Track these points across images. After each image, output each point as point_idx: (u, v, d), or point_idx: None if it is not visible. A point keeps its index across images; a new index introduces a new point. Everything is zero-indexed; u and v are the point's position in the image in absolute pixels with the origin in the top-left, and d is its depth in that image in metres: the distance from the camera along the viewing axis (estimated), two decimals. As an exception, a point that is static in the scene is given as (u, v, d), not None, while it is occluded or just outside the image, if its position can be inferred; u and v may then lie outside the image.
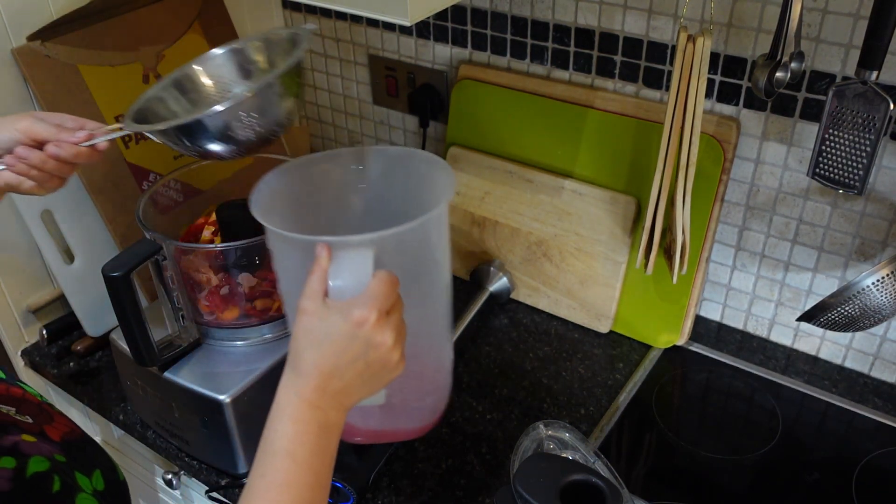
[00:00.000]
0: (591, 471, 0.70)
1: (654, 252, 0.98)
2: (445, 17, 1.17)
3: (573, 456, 0.76)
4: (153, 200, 0.95)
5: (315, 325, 0.59)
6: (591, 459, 0.75)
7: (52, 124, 0.75)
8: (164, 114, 0.81)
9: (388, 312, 0.59)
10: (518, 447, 0.76)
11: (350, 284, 0.59)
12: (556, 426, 0.78)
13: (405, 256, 0.67)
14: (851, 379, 1.04)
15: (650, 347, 1.10)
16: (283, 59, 0.78)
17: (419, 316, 0.68)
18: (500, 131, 1.14)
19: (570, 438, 0.78)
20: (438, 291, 0.73)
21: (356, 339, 0.58)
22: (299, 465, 0.58)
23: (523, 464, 0.72)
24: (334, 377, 0.59)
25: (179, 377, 0.87)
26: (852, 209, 0.95)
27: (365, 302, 0.58)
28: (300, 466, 0.58)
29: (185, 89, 0.84)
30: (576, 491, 0.68)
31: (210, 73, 0.85)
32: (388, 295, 0.59)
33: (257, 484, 0.58)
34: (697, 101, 0.85)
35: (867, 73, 0.75)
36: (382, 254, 0.62)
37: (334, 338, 0.58)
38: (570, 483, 0.68)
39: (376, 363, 0.59)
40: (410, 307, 0.64)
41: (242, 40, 0.86)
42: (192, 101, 0.84)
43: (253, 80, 0.84)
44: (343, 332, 0.58)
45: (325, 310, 0.59)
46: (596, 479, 0.68)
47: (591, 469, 0.71)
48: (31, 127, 0.73)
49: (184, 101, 0.83)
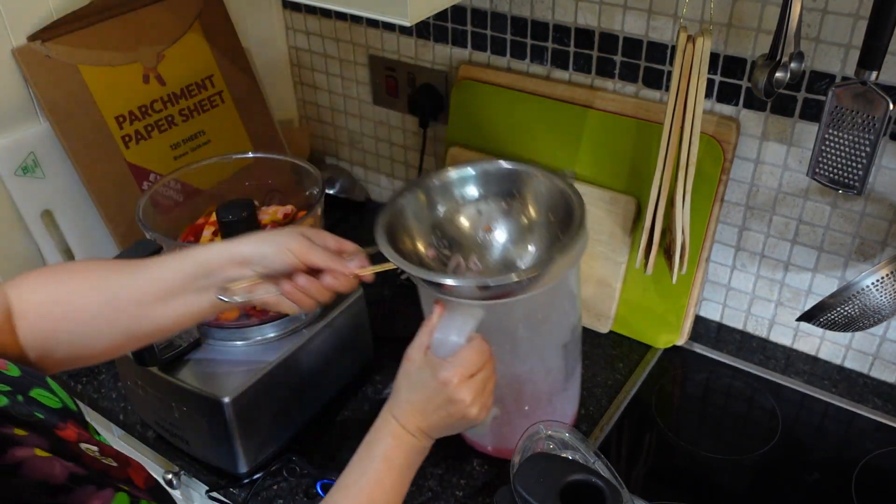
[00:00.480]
0: (591, 471, 0.70)
1: (653, 252, 0.98)
2: (445, 18, 1.17)
3: (573, 456, 0.76)
4: (153, 200, 0.95)
5: (413, 372, 0.72)
6: (591, 459, 0.75)
7: (321, 247, 0.72)
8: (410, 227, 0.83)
9: (471, 375, 0.70)
10: (518, 447, 0.77)
11: (450, 341, 0.71)
12: (556, 426, 0.78)
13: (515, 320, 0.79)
14: (851, 379, 1.04)
15: (650, 347, 1.10)
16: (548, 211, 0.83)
17: (525, 370, 0.82)
18: (500, 131, 1.14)
19: (570, 438, 0.78)
20: (550, 346, 0.84)
21: (440, 393, 0.70)
22: (393, 470, 0.69)
23: (523, 464, 0.72)
24: (421, 416, 0.71)
25: (179, 377, 0.87)
26: (852, 209, 0.95)
27: (453, 365, 0.70)
28: (393, 471, 0.69)
29: (434, 202, 0.85)
30: (576, 491, 0.68)
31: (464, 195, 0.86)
32: (475, 363, 0.70)
33: (357, 480, 0.69)
34: (697, 101, 0.85)
35: (867, 73, 0.75)
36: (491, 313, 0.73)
37: (424, 387, 0.71)
38: (570, 483, 0.68)
39: (456, 414, 0.71)
40: (518, 360, 0.82)
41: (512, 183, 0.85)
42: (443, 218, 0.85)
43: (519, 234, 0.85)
44: (430, 385, 0.70)
45: (423, 362, 0.71)
46: (596, 479, 0.68)
47: (591, 469, 0.71)
48: (308, 254, 0.70)
49: (430, 215, 0.85)
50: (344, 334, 0.98)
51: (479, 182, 0.86)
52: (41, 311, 0.69)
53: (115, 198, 1.07)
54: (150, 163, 1.11)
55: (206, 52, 1.18)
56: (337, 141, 1.46)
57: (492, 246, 0.87)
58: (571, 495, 0.68)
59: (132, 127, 1.09)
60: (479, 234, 0.86)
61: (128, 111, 1.09)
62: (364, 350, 1.05)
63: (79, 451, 0.53)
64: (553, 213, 0.83)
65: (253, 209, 0.89)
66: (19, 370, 0.59)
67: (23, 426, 0.52)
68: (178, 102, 1.14)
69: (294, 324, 0.92)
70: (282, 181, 1.01)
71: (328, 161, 1.51)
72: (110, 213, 1.07)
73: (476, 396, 0.70)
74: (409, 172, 1.38)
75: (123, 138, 1.08)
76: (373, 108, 1.35)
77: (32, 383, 0.59)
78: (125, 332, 0.71)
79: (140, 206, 0.90)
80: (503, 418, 0.84)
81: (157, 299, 0.70)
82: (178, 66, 1.14)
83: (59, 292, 0.71)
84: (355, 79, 1.34)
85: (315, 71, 1.39)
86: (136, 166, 1.09)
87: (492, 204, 0.86)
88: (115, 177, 1.07)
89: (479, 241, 0.87)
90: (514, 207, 0.85)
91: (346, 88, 1.37)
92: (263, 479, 0.91)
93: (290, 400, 0.93)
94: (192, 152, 1.17)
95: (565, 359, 0.86)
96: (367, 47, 1.29)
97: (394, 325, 1.15)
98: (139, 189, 1.09)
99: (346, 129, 1.43)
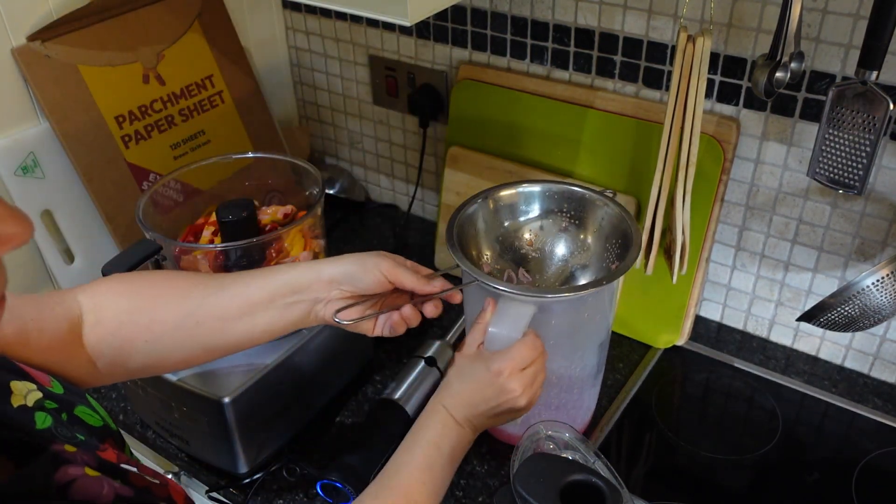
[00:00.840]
0: (591, 471, 0.70)
1: (653, 252, 0.98)
2: (445, 18, 1.17)
3: (573, 456, 0.76)
4: (153, 200, 0.95)
5: (465, 366, 0.74)
6: (591, 459, 0.75)
7: (409, 270, 0.75)
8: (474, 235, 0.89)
9: (523, 368, 0.72)
10: (517, 447, 0.77)
11: (504, 334, 0.73)
12: (556, 426, 0.78)
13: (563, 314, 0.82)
14: (851, 379, 1.04)
15: (650, 347, 1.10)
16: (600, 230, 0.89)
17: (565, 364, 0.85)
18: (500, 131, 1.14)
19: (569, 438, 0.78)
20: (589, 345, 0.86)
21: (492, 385, 0.71)
22: (442, 456, 0.70)
23: (523, 464, 0.72)
24: (470, 407, 0.72)
25: (179, 377, 0.87)
26: (852, 209, 0.95)
27: (505, 357, 0.71)
28: (443, 457, 0.70)
29: (502, 217, 0.91)
30: (576, 491, 0.68)
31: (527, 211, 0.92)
32: (526, 357, 0.72)
33: (407, 462, 0.69)
34: (697, 101, 0.85)
35: (867, 73, 0.75)
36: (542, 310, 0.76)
37: (476, 379, 0.72)
38: (570, 483, 0.68)
39: (505, 405, 0.72)
40: (561, 355, 0.83)
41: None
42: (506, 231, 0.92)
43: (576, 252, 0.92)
44: (483, 377, 0.72)
45: (476, 356, 0.74)
46: (596, 479, 0.68)
47: (590, 469, 0.70)
48: (397, 275, 0.73)
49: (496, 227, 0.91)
50: (344, 334, 0.98)
51: (541, 200, 0.92)
52: (122, 320, 0.70)
53: (115, 198, 1.07)
54: (150, 163, 1.11)
55: (205, 52, 1.18)
56: (337, 141, 1.46)
57: (539, 258, 0.94)
58: (571, 495, 0.68)
59: (132, 127, 1.09)
60: (525, 247, 0.93)
61: (127, 111, 1.09)
62: (364, 350, 1.05)
63: (124, 471, 0.53)
64: (604, 232, 0.90)
65: (253, 209, 0.89)
66: (62, 386, 0.59)
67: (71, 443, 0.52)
68: (178, 102, 1.14)
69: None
70: (282, 181, 1.01)
71: (328, 161, 1.51)
72: (110, 213, 1.07)
73: (526, 388, 0.72)
74: (409, 172, 1.38)
75: (123, 138, 1.08)
76: (373, 108, 1.35)
77: (76, 401, 0.59)
78: (203, 345, 0.72)
79: (140, 206, 0.90)
80: (533, 409, 0.84)
81: (241, 315, 0.72)
82: (178, 66, 1.14)
83: (142, 302, 0.72)
84: (355, 79, 1.34)
85: (315, 71, 1.39)
86: (136, 166, 1.09)
87: (550, 221, 0.92)
88: (115, 177, 1.07)
89: (524, 254, 0.93)
90: (563, 224, 0.92)
91: (346, 88, 1.37)
92: (263, 479, 0.91)
93: (289, 400, 0.93)
94: (192, 152, 1.17)
95: (599, 356, 0.89)
96: (367, 47, 1.29)
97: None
98: (139, 189, 1.09)
99: (346, 129, 1.43)
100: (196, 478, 0.95)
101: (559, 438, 0.78)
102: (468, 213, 0.88)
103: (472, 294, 0.84)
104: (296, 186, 1.00)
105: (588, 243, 0.91)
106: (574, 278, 0.92)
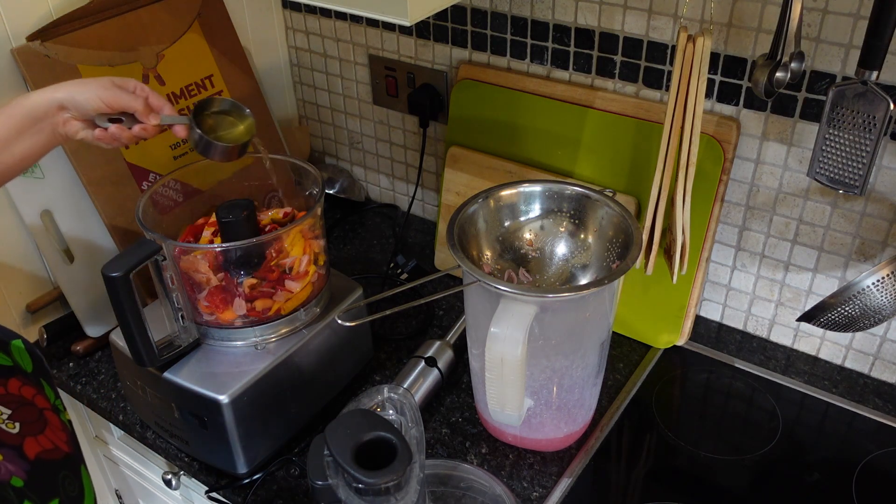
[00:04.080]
0: (395, 430, 0.70)
1: (654, 252, 0.98)
2: (445, 17, 1.17)
3: (398, 420, 0.76)
4: (153, 200, 0.95)
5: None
6: (410, 425, 0.76)
7: (131, 94, 0.81)
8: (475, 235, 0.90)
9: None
10: (357, 400, 0.77)
11: (505, 334, 0.73)
12: (401, 392, 0.78)
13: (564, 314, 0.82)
14: (851, 379, 1.04)
15: (650, 347, 1.10)
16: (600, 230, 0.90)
17: (566, 364, 0.85)
18: (500, 131, 1.14)
19: (409, 406, 0.78)
20: (590, 344, 0.86)
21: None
22: None
23: (340, 417, 0.73)
24: None
25: (179, 377, 0.87)
26: (852, 209, 0.95)
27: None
28: None
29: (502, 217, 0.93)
30: (376, 447, 0.70)
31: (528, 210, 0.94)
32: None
33: None
34: (697, 101, 0.85)
35: (867, 73, 0.75)
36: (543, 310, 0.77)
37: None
38: (370, 440, 0.70)
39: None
40: (562, 355, 0.83)
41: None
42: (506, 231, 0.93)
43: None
44: None
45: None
46: (394, 436, 0.69)
47: (395, 429, 0.71)
48: (118, 101, 0.80)
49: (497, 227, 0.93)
50: (344, 334, 0.98)
51: (542, 199, 0.93)
52: None
53: (115, 198, 1.07)
54: (150, 163, 1.11)
55: (205, 52, 1.18)
56: (337, 141, 1.46)
57: (540, 258, 0.94)
58: (370, 449, 0.70)
59: (132, 127, 1.09)
60: (525, 247, 0.94)
61: (127, 111, 1.09)
62: (364, 350, 1.05)
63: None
64: (604, 232, 0.90)
65: (253, 209, 0.89)
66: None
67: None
68: (178, 102, 1.14)
69: (294, 324, 0.92)
70: (282, 181, 1.01)
71: (328, 161, 1.51)
72: (110, 213, 1.07)
73: None
74: (409, 172, 1.38)
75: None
76: (373, 108, 1.35)
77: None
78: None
79: (140, 206, 0.89)
80: (534, 409, 0.87)
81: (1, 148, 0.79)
82: (178, 66, 1.14)
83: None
84: (355, 79, 1.34)
85: (315, 71, 1.39)
86: (135, 166, 1.09)
87: (551, 221, 0.93)
88: (115, 177, 1.07)
89: (524, 254, 0.94)
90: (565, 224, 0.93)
91: (346, 88, 1.37)
92: (263, 479, 0.91)
93: (289, 400, 0.93)
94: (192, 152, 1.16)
95: (599, 356, 0.89)
96: (367, 47, 1.29)
97: (394, 325, 1.15)
98: (139, 189, 1.09)
99: (346, 129, 1.43)
100: (196, 478, 0.95)
101: (399, 402, 0.78)
102: (468, 213, 0.88)
103: (472, 294, 0.84)
104: (296, 186, 1.00)
105: (588, 243, 0.91)
106: (574, 278, 0.92)
